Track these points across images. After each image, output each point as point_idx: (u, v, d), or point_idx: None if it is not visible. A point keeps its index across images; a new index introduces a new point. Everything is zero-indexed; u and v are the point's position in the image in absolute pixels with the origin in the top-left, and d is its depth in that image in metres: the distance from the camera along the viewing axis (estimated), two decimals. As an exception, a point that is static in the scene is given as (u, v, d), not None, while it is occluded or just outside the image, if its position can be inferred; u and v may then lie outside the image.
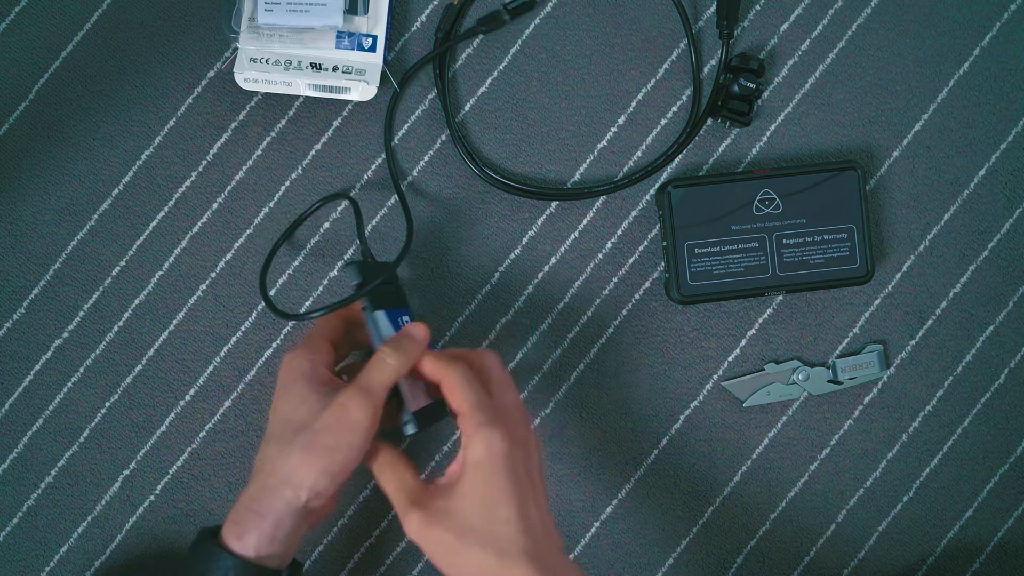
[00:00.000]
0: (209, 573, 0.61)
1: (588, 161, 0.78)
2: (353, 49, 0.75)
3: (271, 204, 0.77)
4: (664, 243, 0.76)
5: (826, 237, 0.75)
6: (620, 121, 0.78)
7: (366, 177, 0.78)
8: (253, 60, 0.74)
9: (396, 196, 0.77)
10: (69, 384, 0.77)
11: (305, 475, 0.61)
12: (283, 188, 0.77)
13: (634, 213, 0.78)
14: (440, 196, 0.78)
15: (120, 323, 0.77)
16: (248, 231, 0.77)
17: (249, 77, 0.74)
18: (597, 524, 0.78)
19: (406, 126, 0.78)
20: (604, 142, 0.78)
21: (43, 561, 0.76)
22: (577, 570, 0.60)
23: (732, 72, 0.77)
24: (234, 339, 0.77)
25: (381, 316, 0.67)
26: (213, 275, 0.77)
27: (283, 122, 0.77)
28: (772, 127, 0.79)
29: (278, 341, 0.77)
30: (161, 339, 0.77)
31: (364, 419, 0.61)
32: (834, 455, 0.79)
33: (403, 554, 0.78)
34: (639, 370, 0.78)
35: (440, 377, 0.64)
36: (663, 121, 0.78)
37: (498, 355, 0.68)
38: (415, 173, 0.78)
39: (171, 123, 0.77)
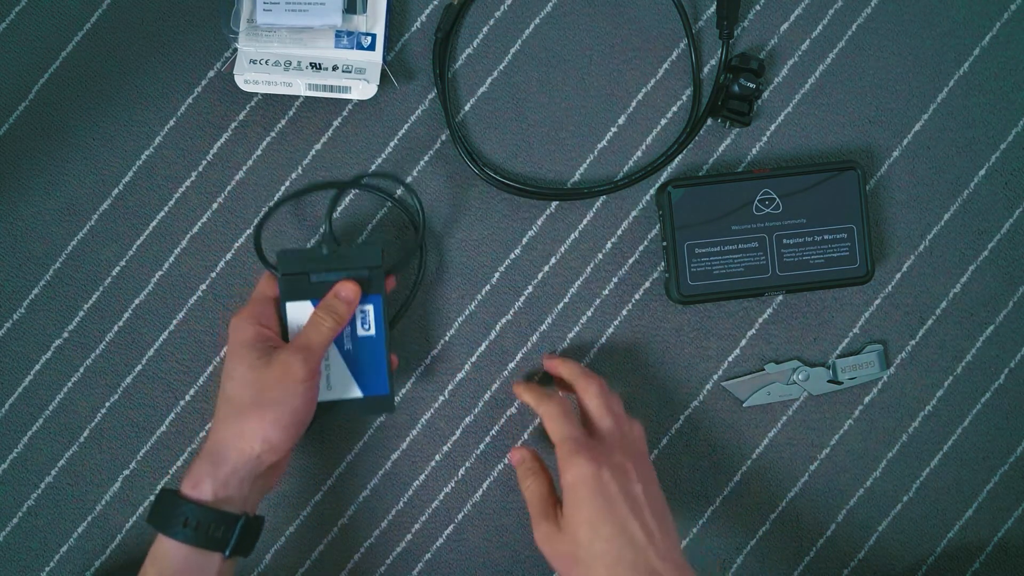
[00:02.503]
0: (170, 520, 0.65)
1: (588, 161, 0.78)
2: (352, 48, 0.75)
3: (271, 204, 0.77)
4: (664, 243, 0.76)
5: (826, 237, 0.75)
6: (620, 121, 0.78)
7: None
8: (253, 61, 0.74)
9: (402, 187, 0.77)
10: (69, 384, 0.77)
11: (256, 427, 0.66)
12: (283, 188, 0.77)
13: (634, 213, 0.78)
14: (440, 196, 0.78)
15: (120, 323, 0.77)
16: (248, 231, 0.77)
17: (249, 78, 0.74)
18: (597, 524, 0.78)
19: (406, 126, 0.78)
20: (604, 142, 0.78)
21: (43, 561, 0.77)
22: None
23: (732, 72, 0.77)
24: (234, 339, 0.77)
25: (289, 307, 0.71)
26: (213, 275, 0.77)
27: (283, 122, 0.77)
28: (772, 127, 0.79)
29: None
30: (161, 339, 0.77)
31: (304, 374, 0.67)
32: (834, 455, 0.79)
33: (403, 554, 0.78)
34: (639, 370, 0.78)
35: (536, 411, 0.71)
36: (663, 121, 0.78)
37: (599, 383, 0.71)
38: (415, 173, 0.78)
39: (171, 123, 0.77)
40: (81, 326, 0.77)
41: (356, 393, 0.72)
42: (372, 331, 0.72)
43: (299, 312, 0.71)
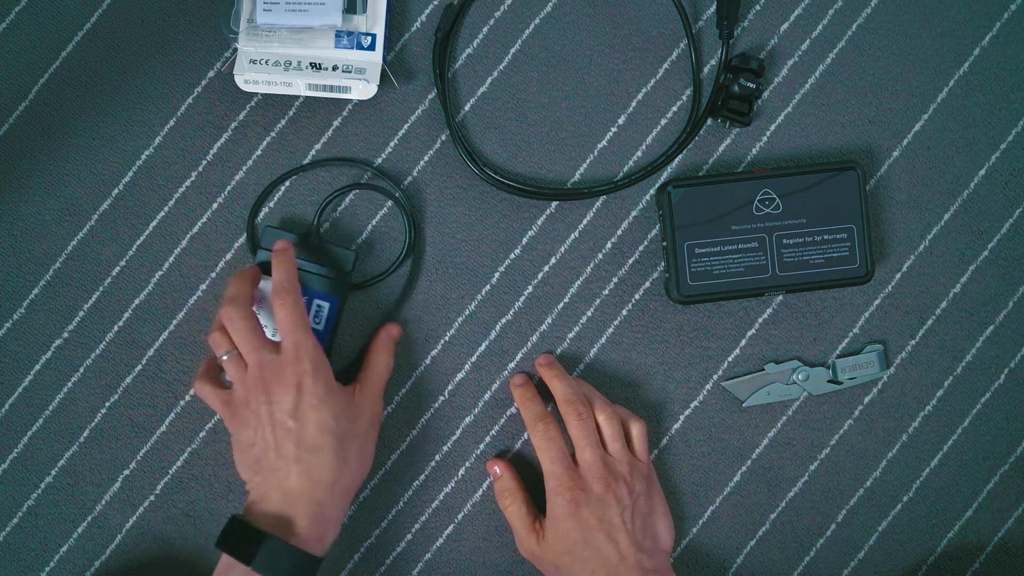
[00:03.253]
0: (300, 571, 0.66)
1: (588, 161, 0.78)
2: (352, 48, 0.75)
3: (271, 204, 0.77)
4: (664, 243, 0.76)
5: (826, 237, 0.75)
6: (620, 121, 0.78)
7: (366, 177, 0.78)
8: (253, 61, 0.74)
9: (398, 192, 0.77)
10: (69, 384, 0.77)
11: (362, 475, 0.71)
12: (283, 188, 0.77)
13: (634, 213, 0.78)
14: (440, 196, 0.78)
15: (120, 323, 0.77)
16: (248, 231, 0.77)
17: (249, 79, 0.74)
18: (597, 524, 0.78)
19: (406, 126, 0.78)
20: (604, 142, 0.78)
21: (43, 561, 0.77)
22: None
23: (732, 72, 0.77)
24: (234, 339, 0.77)
25: (263, 282, 0.73)
26: (213, 275, 0.77)
27: (283, 122, 0.77)
28: (772, 127, 0.79)
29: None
30: (161, 339, 0.77)
31: (381, 408, 0.74)
32: (834, 455, 0.79)
33: (403, 554, 0.78)
34: (639, 370, 0.78)
35: (528, 428, 0.75)
36: (663, 121, 0.78)
37: (577, 414, 0.73)
38: (415, 173, 0.78)
39: (171, 123, 0.77)
40: (81, 326, 0.77)
41: None
42: (321, 326, 0.74)
43: (268, 286, 0.73)
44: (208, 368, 0.73)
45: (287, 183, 0.77)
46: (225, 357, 0.69)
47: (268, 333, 0.72)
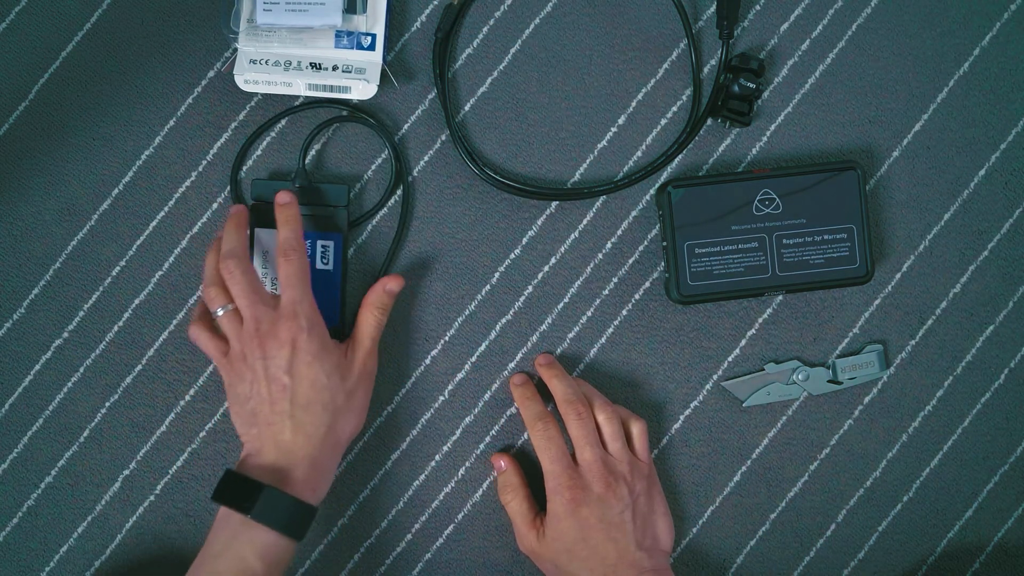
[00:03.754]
0: (297, 520, 0.68)
1: (588, 161, 0.78)
2: (352, 48, 0.75)
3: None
4: (664, 243, 0.76)
5: (826, 237, 0.75)
6: (620, 121, 0.78)
7: (366, 176, 0.78)
8: (253, 61, 0.74)
9: (401, 191, 0.77)
10: (69, 384, 0.77)
11: (354, 429, 0.72)
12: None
13: (634, 213, 0.78)
14: (440, 196, 0.78)
15: (120, 323, 0.77)
16: (248, 231, 0.77)
17: (249, 79, 0.74)
18: (597, 524, 0.78)
19: (406, 126, 0.78)
20: (604, 142, 0.78)
21: (43, 561, 0.77)
22: None
23: (732, 72, 0.77)
24: (234, 339, 0.77)
25: (258, 232, 0.75)
26: (213, 275, 0.77)
27: (283, 122, 0.77)
28: (772, 127, 0.79)
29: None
30: (161, 339, 0.77)
31: (374, 367, 0.74)
32: (834, 455, 0.79)
33: (403, 554, 0.78)
34: (639, 370, 0.78)
35: (528, 427, 0.75)
36: (663, 121, 0.78)
37: (577, 413, 0.74)
38: (415, 173, 0.78)
39: (171, 123, 0.77)
40: (81, 326, 0.77)
41: None
42: (330, 266, 0.76)
43: (265, 239, 0.75)
44: (203, 312, 0.74)
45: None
46: (220, 312, 0.71)
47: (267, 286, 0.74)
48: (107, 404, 0.77)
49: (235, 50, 0.75)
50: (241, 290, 0.70)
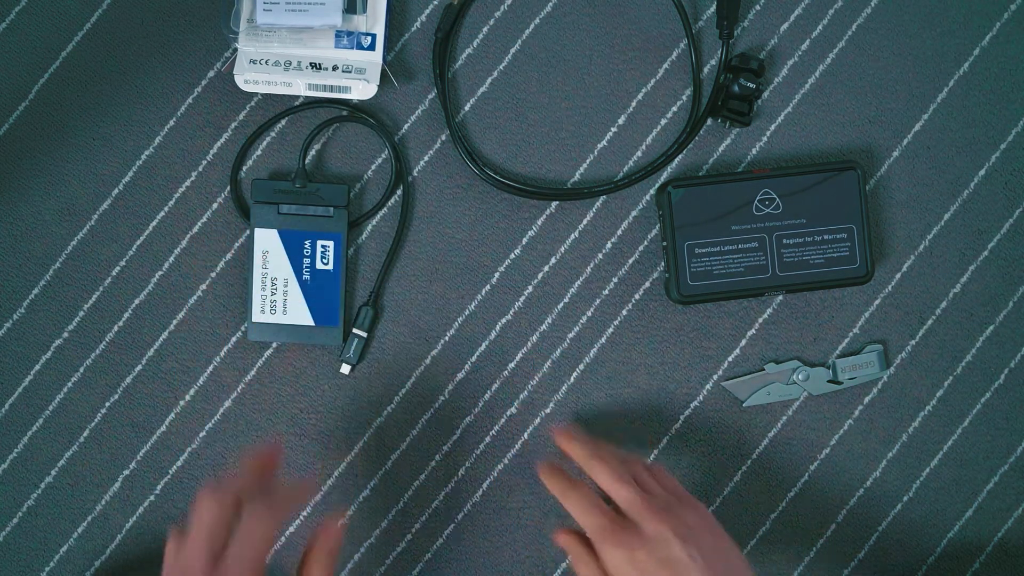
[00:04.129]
0: None
1: (588, 161, 0.78)
2: (352, 48, 0.75)
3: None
4: (664, 243, 0.76)
5: (826, 237, 0.75)
6: (620, 121, 0.78)
7: (366, 176, 0.78)
8: (253, 61, 0.74)
9: (400, 192, 0.77)
10: (69, 384, 0.77)
11: None
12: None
13: (634, 213, 0.78)
14: (440, 196, 0.78)
15: (120, 323, 0.77)
16: (248, 231, 0.77)
17: (249, 79, 0.74)
18: (597, 524, 0.78)
19: (406, 126, 0.78)
20: (604, 142, 0.78)
21: (43, 561, 0.77)
22: None
23: (732, 72, 0.77)
24: (234, 339, 0.77)
25: (257, 232, 0.76)
26: (213, 275, 0.77)
27: (283, 122, 0.77)
28: (772, 127, 0.79)
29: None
30: (161, 339, 0.77)
31: None
32: (834, 455, 0.79)
33: (403, 554, 0.78)
34: (639, 370, 0.78)
35: (561, 500, 0.69)
36: (663, 121, 0.78)
37: (603, 463, 0.68)
38: (415, 173, 0.78)
39: (171, 123, 0.77)
40: (81, 326, 0.77)
41: (308, 321, 0.76)
42: (330, 266, 0.76)
43: (265, 239, 0.76)
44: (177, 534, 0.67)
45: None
46: (177, 530, 0.65)
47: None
48: (107, 404, 0.77)
49: (235, 50, 0.75)
50: (198, 533, 0.63)
